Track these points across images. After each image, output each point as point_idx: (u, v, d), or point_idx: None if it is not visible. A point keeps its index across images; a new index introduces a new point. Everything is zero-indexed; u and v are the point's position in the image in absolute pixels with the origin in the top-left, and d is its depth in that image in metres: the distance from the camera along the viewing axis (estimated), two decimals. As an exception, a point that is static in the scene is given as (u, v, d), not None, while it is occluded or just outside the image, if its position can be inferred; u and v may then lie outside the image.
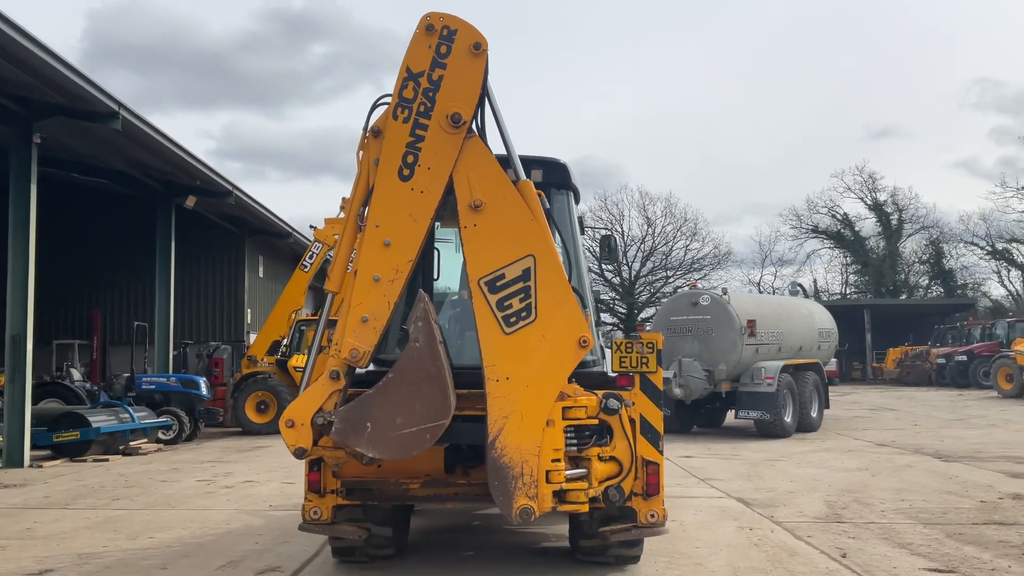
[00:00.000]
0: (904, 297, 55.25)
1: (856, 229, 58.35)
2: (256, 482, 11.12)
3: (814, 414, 17.77)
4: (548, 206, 5.97)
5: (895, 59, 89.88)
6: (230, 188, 19.19)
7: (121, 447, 14.48)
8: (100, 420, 13.97)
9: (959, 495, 9.74)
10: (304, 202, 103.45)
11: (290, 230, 25.07)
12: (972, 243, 56.65)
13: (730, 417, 17.97)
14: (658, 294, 53.09)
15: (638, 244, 54.59)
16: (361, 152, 5.68)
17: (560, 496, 5.41)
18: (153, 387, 16.87)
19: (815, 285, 57.34)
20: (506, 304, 5.39)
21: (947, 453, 13.65)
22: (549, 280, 5.45)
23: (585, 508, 5.54)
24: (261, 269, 26.57)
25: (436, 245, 6.32)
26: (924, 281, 58.37)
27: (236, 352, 23.32)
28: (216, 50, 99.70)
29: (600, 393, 5.82)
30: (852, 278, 59.34)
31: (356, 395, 5.41)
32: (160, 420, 15.86)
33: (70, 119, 13.64)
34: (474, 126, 5.56)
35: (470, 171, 5.51)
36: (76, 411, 14.10)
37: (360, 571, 6.42)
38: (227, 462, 13.50)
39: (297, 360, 19.49)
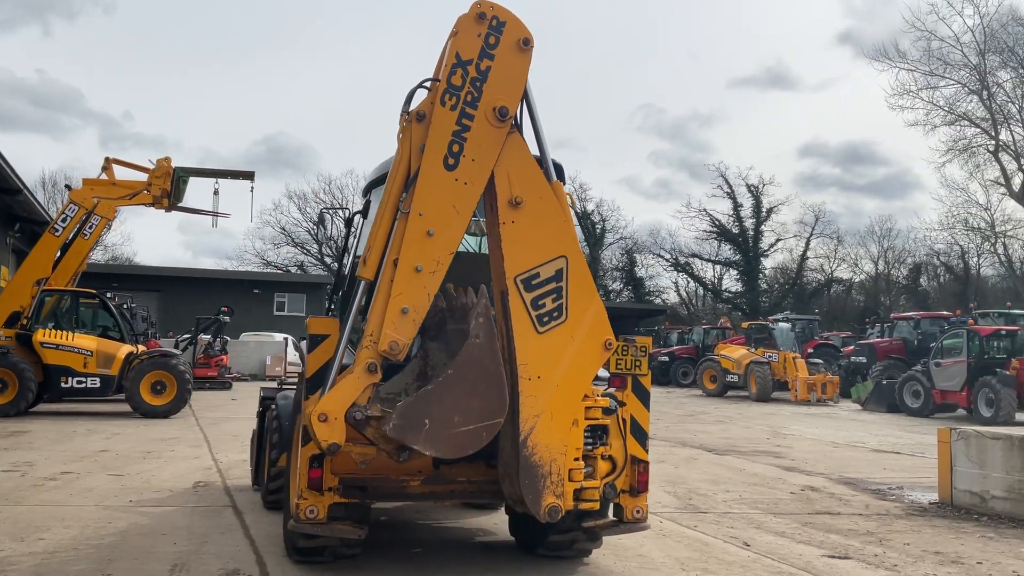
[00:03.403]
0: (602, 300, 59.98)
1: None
2: (76, 473, 9.89)
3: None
4: (577, 209, 6.06)
5: (575, 75, 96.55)
6: (-25, 134, 16.66)
7: None
8: None
9: (767, 487, 10.94)
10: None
11: (21, 187, 22.17)
12: (659, 255, 62.93)
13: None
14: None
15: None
16: (400, 135, 5.45)
17: (578, 495, 5.54)
18: None
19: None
20: (540, 303, 5.45)
21: (711, 447, 15.21)
22: (579, 282, 5.59)
23: (598, 506, 5.71)
24: (-25, 228, 23.28)
25: None
26: (618, 286, 63.77)
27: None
28: None
29: (600, 392, 6.01)
30: (556, 280, 63.30)
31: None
32: None
33: None
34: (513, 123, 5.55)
35: (511, 167, 5.50)
36: None
37: (321, 571, 6.07)
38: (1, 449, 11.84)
39: (42, 335, 17.43)
